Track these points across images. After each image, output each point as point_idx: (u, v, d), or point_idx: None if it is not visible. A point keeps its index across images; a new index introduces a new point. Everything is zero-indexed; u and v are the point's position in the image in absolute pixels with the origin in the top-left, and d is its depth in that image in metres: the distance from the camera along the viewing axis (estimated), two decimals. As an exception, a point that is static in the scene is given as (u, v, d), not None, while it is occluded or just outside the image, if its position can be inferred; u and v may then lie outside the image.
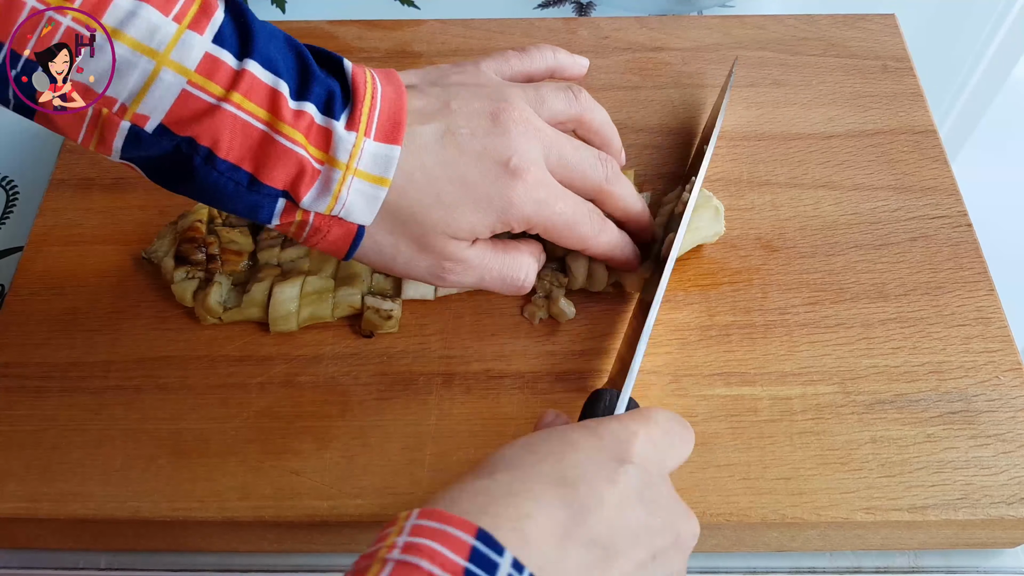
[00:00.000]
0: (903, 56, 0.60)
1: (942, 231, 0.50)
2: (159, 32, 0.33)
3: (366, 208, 0.37)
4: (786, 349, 0.46)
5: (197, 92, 0.34)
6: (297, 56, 0.37)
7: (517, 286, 0.43)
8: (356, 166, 0.36)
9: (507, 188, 0.39)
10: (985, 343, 0.46)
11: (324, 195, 0.36)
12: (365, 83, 0.37)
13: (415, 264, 0.40)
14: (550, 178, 0.41)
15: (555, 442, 0.32)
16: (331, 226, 0.38)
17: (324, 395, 0.44)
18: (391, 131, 0.37)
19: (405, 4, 0.72)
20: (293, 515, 0.41)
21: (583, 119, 0.44)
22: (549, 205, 0.40)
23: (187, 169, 0.35)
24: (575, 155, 0.42)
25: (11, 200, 0.59)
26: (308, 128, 0.36)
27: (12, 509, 0.41)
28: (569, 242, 0.42)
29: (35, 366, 0.46)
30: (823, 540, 0.42)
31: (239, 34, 0.35)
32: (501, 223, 0.40)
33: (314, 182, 0.36)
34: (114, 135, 0.35)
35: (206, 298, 0.46)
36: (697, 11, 0.71)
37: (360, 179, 0.37)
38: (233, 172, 0.35)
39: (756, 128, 0.56)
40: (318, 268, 0.47)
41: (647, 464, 0.32)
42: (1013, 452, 0.42)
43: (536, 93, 0.42)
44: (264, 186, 0.36)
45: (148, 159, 0.36)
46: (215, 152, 0.35)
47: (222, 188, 0.36)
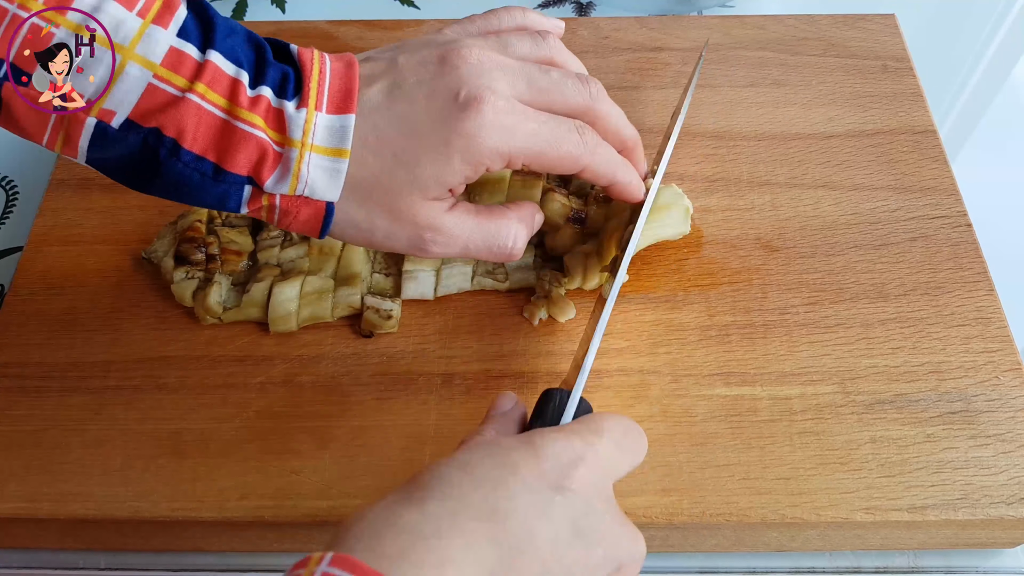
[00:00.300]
0: (903, 56, 0.59)
1: (942, 231, 0.50)
2: (123, 27, 0.33)
3: (330, 183, 0.36)
4: (786, 349, 0.46)
5: (162, 85, 0.34)
6: (256, 49, 0.37)
7: (505, 252, 0.41)
8: (311, 142, 0.36)
9: (461, 123, 0.36)
10: (985, 343, 0.46)
11: (285, 176, 0.36)
12: (312, 60, 0.37)
13: (395, 236, 0.39)
14: (516, 103, 0.37)
15: (493, 463, 0.30)
16: (299, 207, 0.37)
17: (324, 395, 0.44)
18: (342, 101, 0.36)
19: (405, 4, 0.72)
20: (293, 515, 0.41)
21: (554, 61, 0.41)
22: (519, 128, 0.37)
23: (153, 164, 0.35)
24: (546, 77, 0.38)
25: (11, 200, 0.59)
26: (266, 112, 0.36)
27: (12, 509, 0.41)
28: (560, 164, 0.39)
29: (35, 366, 0.46)
30: (823, 540, 0.42)
31: (201, 28, 0.35)
32: (469, 165, 0.37)
33: (276, 165, 0.36)
34: (80, 133, 0.34)
35: (206, 298, 0.46)
36: (697, 11, 0.71)
37: (318, 154, 0.36)
38: (198, 163, 0.35)
39: (756, 128, 0.56)
40: (318, 268, 0.47)
41: (588, 489, 0.31)
42: (1013, 452, 0.42)
43: (497, 39, 0.40)
44: (228, 174, 0.35)
45: (114, 160, 0.36)
46: (180, 143, 0.35)
47: (188, 179, 0.35)
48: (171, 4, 0.35)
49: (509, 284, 0.48)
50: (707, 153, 0.54)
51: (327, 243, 0.47)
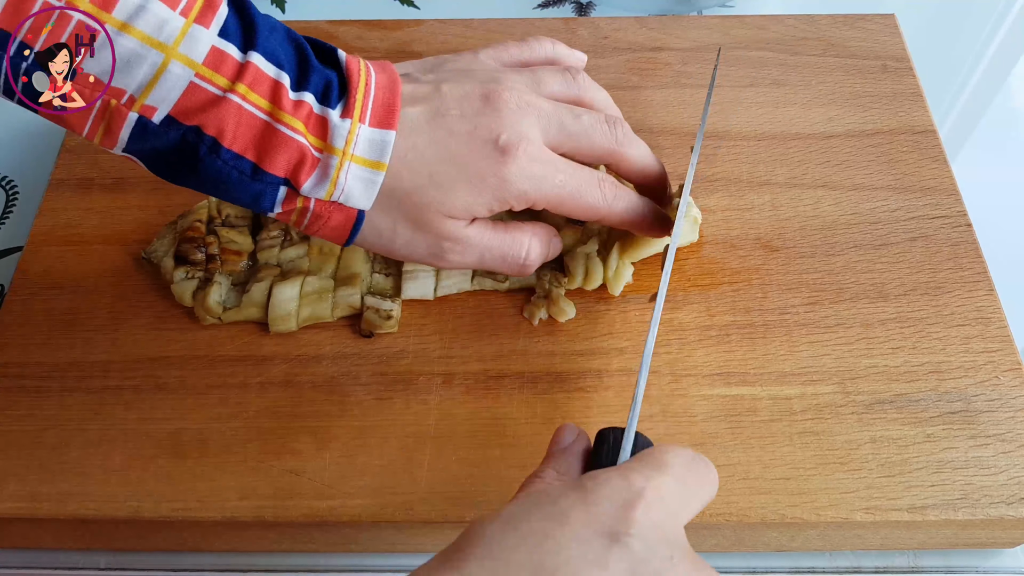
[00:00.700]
0: (903, 56, 0.59)
1: (942, 231, 0.50)
2: (167, 26, 0.34)
3: (364, 193, 0.38)
4: (786, 349, 0.46)
5: (204, 84, 0.35)
6: (297, 48, 0.38)
7: (519, 264, 0.43)
8: (352, 152, 0.37)
9: (499, 166, 0.38)
10: (985, 343, 0.46)
11: (323, 181, 0.37)
12: (359, 71, 0.38)
13: (415, 245, 0.40)
14: (547, 152, 0.40)
15: (540, 515, 0.28)
16: (331, 212, 0.38)
17: (324, 395, 0.44)
18: (385, 116, 0.38)
19: (405, 4, 0.72)
20: (293, 515, 0.41)
21: (583, 99, 0.43)
22: (547, 179, 0.40)
23: (192, 160, 0.36)
24: (577, 122, 0.41)
25: (11, 200, 0.59)
26: (307, 117, 0.36)
27: (12, 509, 0.41)
28: (580, 213, 0.42)
29: (35, 366, 0.46)
30: (823, 540, 0.42)
31: (243, 28, 0.36)
32: (498, 202, 0.39)
33: (314, 169, 0.37)
34: (121, 126, 0.35)
35: (205, 298, 0.46)
36: (697, 11, 0.71)
37: (357, 164, 0.37)
38: (237, 161, 0.36)
39: (756, 128, 0.56)
40: (318, 268, 0.47)
41: (650, 533, 0.27)
42: (1013, 452, 0.42)
43: (532, 76, 0.42)
44: (266, 174, 0.36)
45: (152, 152, 0.36)
46: (220, 141, 0.35)
47: (226, 177, 0.36)
48: (212, 2, 0.35)
49: (509, 284, 0.48)
50: (707, 153, 0.54)
51: (327, 243, 0.47)
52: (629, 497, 0.28)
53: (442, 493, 0.41)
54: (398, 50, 0.61)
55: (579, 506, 0.28)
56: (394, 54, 0.61)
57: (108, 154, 0.54)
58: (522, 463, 0.42)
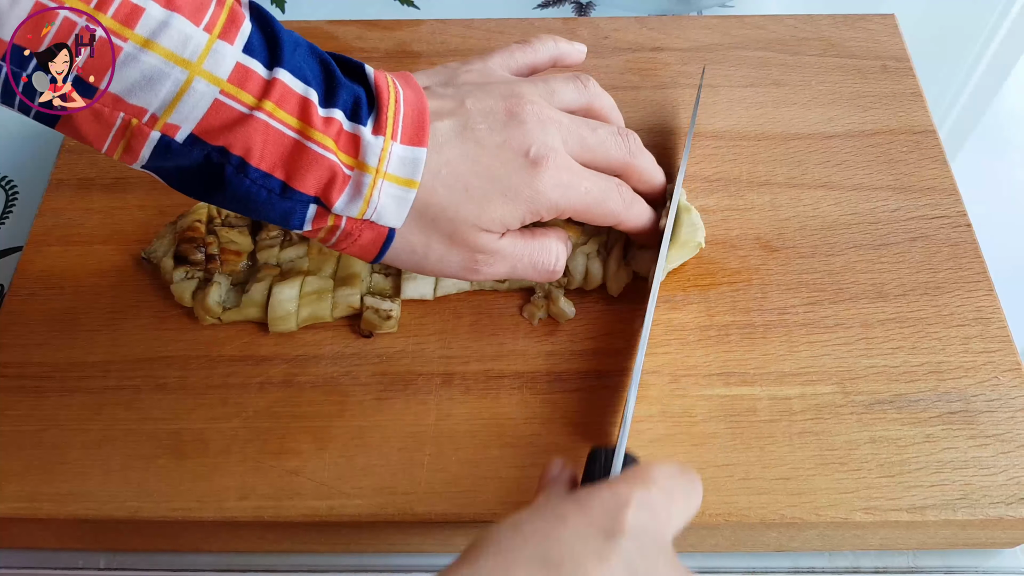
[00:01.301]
0: (903, 56, 0.59)
1: (941, 231, 0.50)
2: (191, 42, 0.33)
3: (397, 210, 0.38)
4: (785, 349, 0.46)
5: (229, 101, 0.34)
6: (322, 64, 0.37)
7: (548, 271, 0.43)
8: (385, 170, 0.37)
9: (532, 177, 0.39)
10: (984, 343, 0.46)
11: (356, 199, 0.37)
12: (388, 88, 0.38)
13: (448, 261, 0.41)
14: (572, 161, 0.41)
15: (543, 519, 0.30)
16: (362, 230, 0.38)
17: (323, 395, 0.44)
18: (415, 134, 0.38)
19: (405, 4, 0.72)
20: (292, 515, 0.41)
21: (592, 107, 0.45)
22: (574, 187, 0.41)
23: (218, 179, 0.35)
24: (594, 136, 0.42)
25: (11, 200, 0.59)
26: (338, 134, 0.36)
27: (12, 509, 0.41)
28: (601, 219, 0.43)
29: (35, 366, 0.46)
30: (822, 540, 0.42)
31: (267, 43, 0.36)
32: (531, 213, 0.40)
33: (345, 187, 0.36)
34: (143, 145, 0.34)
35: (205, 298, 0.46)
36: (697, 11, 0.71)
37: (390, 182, 0.37)
38: (265, 180, 0.35)
39: (756, 128, 0.56)
40: (317, 268, 0.47)
41: (642, 534, 0.30)
42: (1012, 452, 0.42)
43: (546, 86, 0.43)
44: (296, 192, 0.36)
45: (175, 170, 0.36)
46: (247, 161, 0.35)
47: (255, 196, 0.36)
48: (235, 18, 0.34)
49: (509, 284, 0.48)
50: (707, 153, 0.54)
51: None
52: (619, 504, 0.30)
53: (441, 493, 0.41)
54: (398, 50, 0.61)
55: (575, 510, 0.30)
56: (394, 54, 0.61)
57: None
58: (521, 463, 0.42)
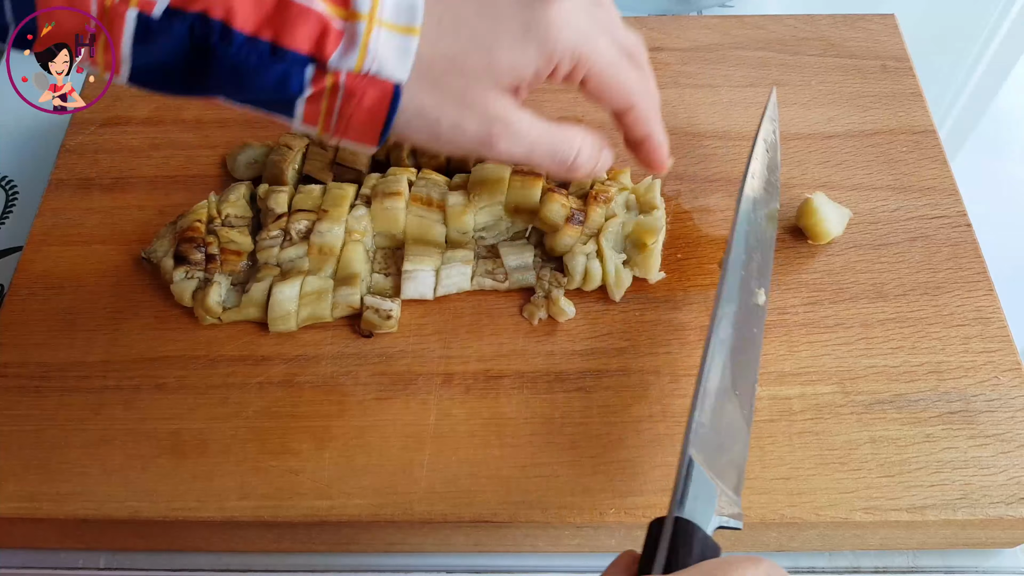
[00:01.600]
0: (903, 56, 0.59)
1: (941, 231, 0.50)
2: None
3: (398, 61, 0.35)
4: (785, 349, 0.46)
5: None
6: None
7: (567, 164, 0.40)
8: (380, 17, 0.34)
9: (542, 11, 0.36)
10: (984, 343, 0.46)
11: (351, 50, 0.34)
12: None
13: (463, 128, 0.37)
14: (591, 6, 0.38)
15: None
16: (365, 88, 0.35)
17: (323, 395, 0.44)
18: None
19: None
20: (292, 515, 0.41)
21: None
22: (593, 38, 0.38)
23: (204, 55, 0.33)
24: (604, 12, 0.39)
25: (11, 200, 0.59)
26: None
27: (12, 509, 0.41)
28: (615, 94, 0.40)
29: (34, 366, 0.46)
30: (822, 540, 0.42)
31: None
32: (543, 56, 0.37)
33: (339, 40, 0.34)
34: (121, 32, 0.33)
35: (205, 298, 0.46)
36: (697, 11, 0.71)
37: (387, 30, 0.34)
38: (252, 44, 0.33)
39: (756, 128, 0.55)
40: (317, 268, 0.47)
41: None
42: (1012, 452, 0.42)
43: None
44: (288, 52, 0.33)
45: (161, 63, 0.34)
46: (230, 25, 0.33)
47: (244, 63, 0.33)
48: None
49: (509, 284, 0.48)
50: (707, 153, 0.54)
51: (327, 243, 0.47)
52: None
53: (441, 493, 0.41)
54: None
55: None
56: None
57: (108, 154, 0.55)
58: (521, 463, 0.42)
